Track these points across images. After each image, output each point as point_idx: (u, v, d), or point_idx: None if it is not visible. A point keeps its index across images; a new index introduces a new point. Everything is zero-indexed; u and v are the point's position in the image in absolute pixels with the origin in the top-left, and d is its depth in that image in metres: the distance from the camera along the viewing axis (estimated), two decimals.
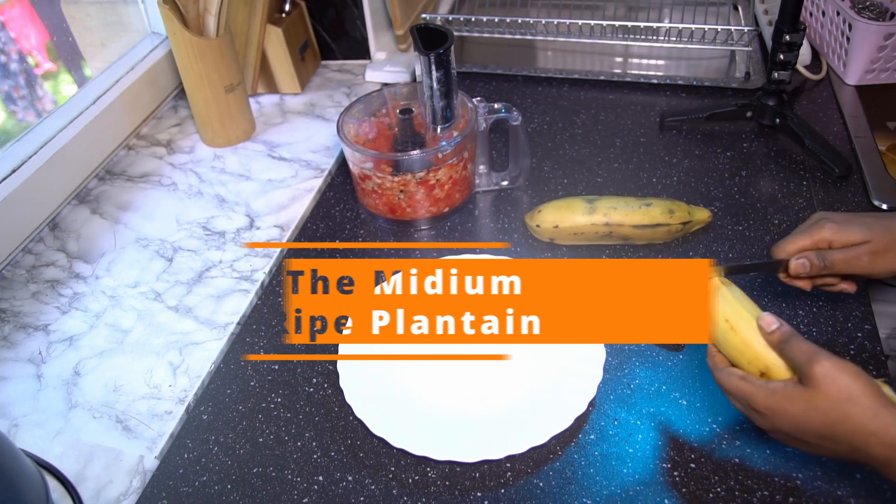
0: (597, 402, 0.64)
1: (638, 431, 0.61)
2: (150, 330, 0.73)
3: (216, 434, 0.64)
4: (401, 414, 0.63)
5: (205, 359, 0.70)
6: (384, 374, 0.66)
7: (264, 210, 0.86)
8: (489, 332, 0.70)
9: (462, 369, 0.67)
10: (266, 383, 0.68)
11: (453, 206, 0.84)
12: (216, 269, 0.79)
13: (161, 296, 0.76)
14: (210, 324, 0.73)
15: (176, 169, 0.94)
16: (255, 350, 0.71)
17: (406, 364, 0.68)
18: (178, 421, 0.65)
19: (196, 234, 0.84)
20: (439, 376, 0.66)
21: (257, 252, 0.80)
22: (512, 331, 0.69)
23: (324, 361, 0.69)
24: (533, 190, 0.87)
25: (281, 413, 0.65)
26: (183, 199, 0.89)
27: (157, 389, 0.67)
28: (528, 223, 0.79)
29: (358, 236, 0.83)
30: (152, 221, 0.86)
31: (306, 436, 0.63)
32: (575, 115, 0.98)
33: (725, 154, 0.90)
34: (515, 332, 0.69)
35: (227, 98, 0.93)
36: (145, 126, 1.01)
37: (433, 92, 0.77)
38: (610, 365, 0.66)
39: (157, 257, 0.81)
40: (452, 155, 0.79)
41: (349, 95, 1.05)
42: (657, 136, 0.93)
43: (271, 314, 0.75)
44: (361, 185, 0.83)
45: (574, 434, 0.61)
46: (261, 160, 0.94)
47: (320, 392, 0.67)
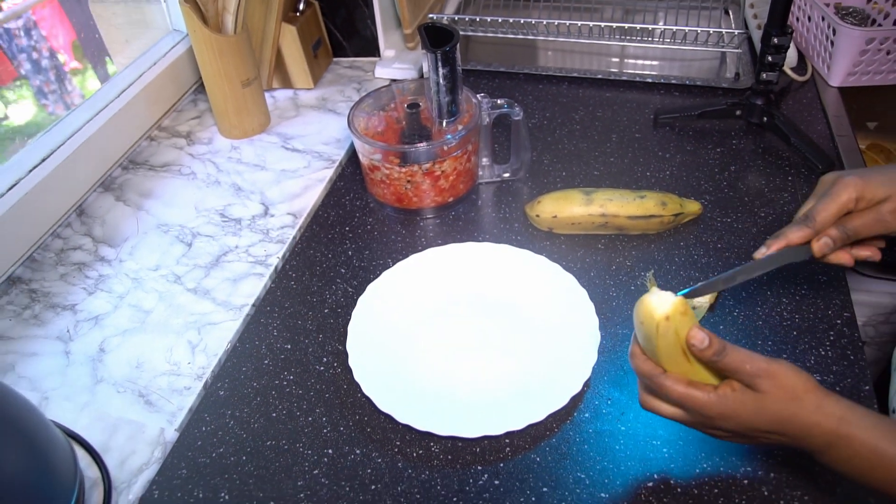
0: (591, 382, 0.63)
1: (630, 410, 0.61)
2: (171, 310, 0.73)
3: (232, 409, 0.64)
4: (406, 392, 0.62)
5: (222, 338, 0.69)
6: (390, 354, 0.66)
7: (278, 198, 0.86)
8: (491, 313, 0.70)
9: (464, 351, 0.66)
10: (279, 362, 0.68)
11: (457, 196, 0.83)
12: (232, 253, 0.79)
13: (181, 278, 0.76)
14: (227, 305, 0.73)
15: (195, 159, 0.93)
16: (269, 331, 0.71)
17: (411, 345, 0.67)
18: (197, 396, 0.65)
19: (214, 220, 0.83)
20: (442, 357, 0.66)
21: (272, 238, 0.80)
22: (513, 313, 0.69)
23: (334, 342, 0.69)
24: (533, 182, 0.87)
25: (293, 390, 0.65)
26: (202, 187, 0.89)
27: (176, 366, 0.67)
28: (529, 213, 0.79)
29: (367, 224, 0.83)
30: (172, 208, 0.86)
31: (317, 411, 0.63)
32: (573, 111, 0.98)
33: (716, 150, 0.89)
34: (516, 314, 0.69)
35: (244, 92, 0.92)
36: (167, 118, 1.00)
37: (439, 88, 0.76)
38: (604, 348, 0.66)
39: (177, 242, 0.81)
40: (457, 148, 0.78)
41: (359, 91, 1.04)
42: (651, 133, 0.93)
43: (284, 297, 0.74)
44: (370, 176, 0.82)
45: (570, 412, 0.61)
46: (275, 151, 0.94)
47: (330, 371, 0.66)
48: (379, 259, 0.78)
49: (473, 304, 0.71)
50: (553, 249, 0.77)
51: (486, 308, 0.70)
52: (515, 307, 0.70)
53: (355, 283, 0.75)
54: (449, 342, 0.67)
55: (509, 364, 0.65)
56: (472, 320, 0.69)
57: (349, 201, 0.87)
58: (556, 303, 0.69)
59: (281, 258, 0.78)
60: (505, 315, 0.69)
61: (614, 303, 0.70)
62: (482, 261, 0.74)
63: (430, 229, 0.82)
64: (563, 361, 0.63)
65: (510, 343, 0.67)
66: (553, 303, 0.69)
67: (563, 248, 0.77)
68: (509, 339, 0.67)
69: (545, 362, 0.64)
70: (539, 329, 0.68)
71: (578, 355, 0.63)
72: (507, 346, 0.67)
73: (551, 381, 0.62)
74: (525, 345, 0.66)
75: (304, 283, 0.76)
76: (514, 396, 0.62)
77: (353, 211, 0.85)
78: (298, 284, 0.76)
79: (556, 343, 0.66)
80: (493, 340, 0.67)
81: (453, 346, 0.67)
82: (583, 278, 0.72)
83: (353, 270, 0.77)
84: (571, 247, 0.77)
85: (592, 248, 0.77)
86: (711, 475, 0.56)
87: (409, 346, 0.67)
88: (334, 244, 0.81)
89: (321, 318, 0.72)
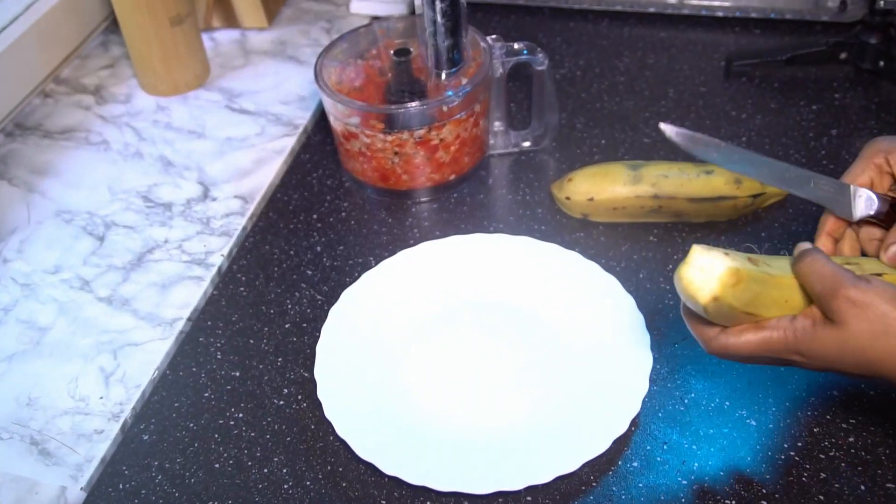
0: (641, 420, 0.64)
1: (693, 458, 0.62)
2: (76, 327, 0.73)
3: (160, 459, 0.64)
4: (394, 433, 0.63)
5: (146, 363, 0.70)
6: (373, 384, 0.67)
7: (222, 176, 0.86)
8: (506, 328, 0.71)
9: (471, 379, 0.67)
10: (224, 394, 0.68)
11: (461, 172, 0.84)
12: (160, 250, 0.79)
13: (89, 284, 0.77)
14: (153, 319, 0.73)
15: (108, 123, 0.94)
16: (210, 353, 0.72)
17: (401, 370, 0.68)
18: (112, 442, 0.65)
19: (134, 205, 0.84)
20: (443, 385, 0.67)
21: (214, 229, 0.81)
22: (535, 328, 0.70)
23: (297, 367, 0.70)
24: (562, 153, 0.87)
25: (243, 432, 0.66)
26: (117, 161, 0.89)
27: (84, 402, 0.68)
28: (556, 195, 0.80)
29: (341, 209, 0.84)
30: (77, 190, 0.86)
31: (275, 461, 0.64)
32: (616, 57, 0.98)
33: (811, 108, 0.90)
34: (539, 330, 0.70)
35: (173, 32, 0.93)
36: (66, 67, 1.01)
37: (436, 27, 0.77)
38: (658, 374, 0.67)
39: (84, 235, 0.81)
40: (460, 108, 0.79)
41: (329, 31, 1.04)
42: (722, 85, 0.93)
43: (231, 308, 0.75)
44: (346, 146, 0.83)
45: (612, 461, 0.62)
46: (217, 113, 0.94)
47: (293, 405, 0.67)
48: (357, 257, 0.79)
49: (483, 317, 0.72)
50: (589, 243, 0.78)
51: (500, 322, 0.71)
52: (539, 320, 0.71)
53: (325, 289, 0.76)
54: (451, 367, 0.68)
55: (531, 396, 0.66)
56: (482, 338, 0.70)
57: (317, 180, 0.87)
58: (593, 314, 0.70)
59: (226, 256, 0.79)
60: (525, 331, 0.70)
61: (671, 314, 0.71)
62: (494, 259, 0.75)
63: (424, 217, 0.83)
64: (604, 393, 0.64)
65: (532, 368, 0.68)
66: (589, 314, 0.70)
67: (603, 242, 0.78)
68: (531, 362, 0.68)
69: (579, 394, 0.65)
70: (571, 349, 0.69)
71: (624, 385, 0.64)
72: (528, 373, 0.67)
73: (588, 419, 0.63)
74: (552, 370, 0.67)
75: (258, 290, 0.77)
76: (538, 440, 0.62)
77: (323, 193, 0.86)
78: (250, 291, 0.77)
79: (594, 368, 0.66)
80: (510, 365, 0.68)
81: (456, 372, 0.68)
82: (629, 281, 0.73)
83: (324, 272, 0.78)
84: (613, 239, 0.78)
85: (641, 242, 0.78)
86: None
87: (398, 372, 0.68)
88: (298, 237, 0.81)
89: (280, 336, 0.73)
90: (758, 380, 0.66)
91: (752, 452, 0.62)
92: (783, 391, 0.65)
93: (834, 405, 0.64)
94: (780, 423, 0.63)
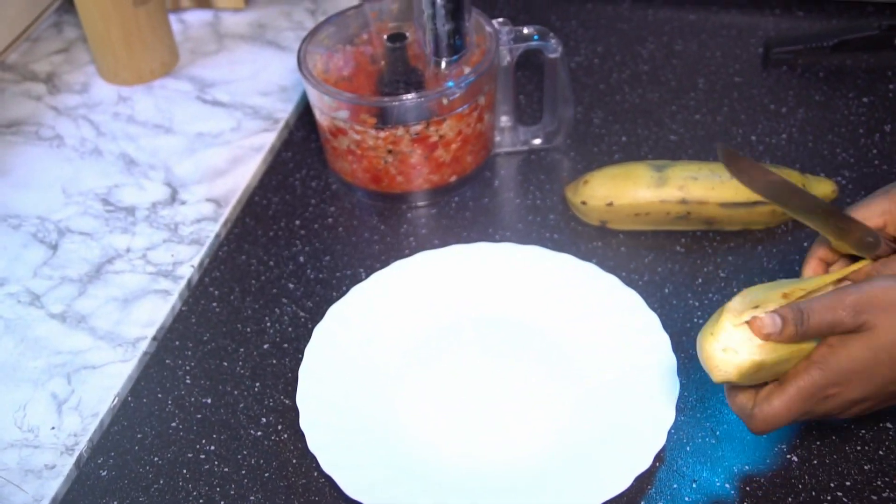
0: (667, 454, 0.65)
1: (727, 499, 0.62)
2: (24, 348, 0.74)
3: (120, 498, 0.65)
4: (386, 468, 0.63)
5: (105, 389, 0.70)
6: (363, 411, 0.67)
7: (192, 177, 0.87)
8: (514, 350, 0.71)
9: (474, 406, 0.68)
10: (195, 424, 0.69)
11: (463, 173, 0.85)
12: (122, 260, 0.80)
13: (40, 299, 0.77)
14: (113, 339, 0.74)
15: (61, 115, 0.94)
16: (178, 377, 0.72)
17: (395, 397, 0.69)
18: (65, 479, 0.65)
19: (92, 209, 0.85)
20: (442, 415, 0.68)
21: (183, 237, 0.81)
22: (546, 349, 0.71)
23: (277, 394, 0.70)
24: (577, 152, 0.88)
25: (215, 467, 0.66)
26: (73, 159, 0.90)
27: (33, 434, 0.68)
28: (571, 199, 0.80)
29: (327, 215, 0.84)
30: (27, 191, 0.87)
31: (251, 500, 0.64)
32: (639, 44, 0.99)
33: (860, 100, 0.90)
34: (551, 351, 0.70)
35: (137, 14, 0.93)
36: (13, 52, 1.01)
37: (436, 9, 0.77)
38: (686, 402, 0.67)
39: (35, 243, 0.82)
40: (462, 101, 0.80)
41: (314, 13, 1.05)
42: (759, 75, 0.94)
43: (203, 326, 0.76)
44: (333, 143, 0.83)
45: (634, 500, 0.62)
46: (187, 105, 0.95)
47: (272, 437, 0.68)
48: (345, 268, 0.79)
49: (487, 337, 0.73)
50: (608, 254, 0.79)
51: (507, 342, 0.72)
52: (550, 341, 0.71)
53: (309, 304, 0.77)
54: (451, 394, 0.69)
55: (542, 428, 0.66)
56: (486, 361, 0.71)
57: (300, 182, 0.88)
58: (611, 334, 0.70)
59: (197, 267, 0.80)
60: (535, 353, 0.71)
61: None
62: (500, 270, 0.75)
63: (421, 224, 0.83)
64: (624, 424, 0.65)
65: (543, 396, 0.68)
66: (607, 334, 0.70)
67: (623, 252, 0.79)
68: (541, 389, 0.69)
69: (596, 425, 0.65)
70: (586, 374, 0.69)
71: (647, 414, 0.64)
72: (537, 401, 0.68)
73: (606, 454, 0.63)
74: (566, 398, 0.68)
75: (233, 306, 0.77)
76: (549, 477, 0.63)
77: (307, 196, 0.86)
78: (224, 307, 0.77)
79: (613, 395, 0.67)
80: (518, 392, 0.69)
81: (457, 399, 0.68)
82: (653, 297, 0.73)
83: (307, 286, 0.78)
84: (635, 249, 0.79)
85: (668, 252, 0.78)
86: None
87: (392, 400, 0.69)
88: (278, 246, 0.82)
89: (258, 358, 0.73)
90: None
91: (792, 493, 0.62)
92: (829, 423, 0.65)
93: (888, 439, 0.64)
94: (825, 458, 0.64)
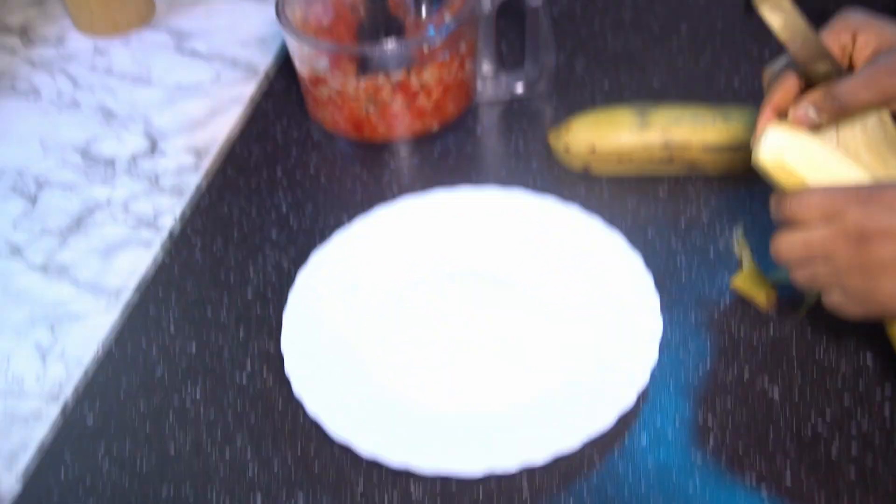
0: (650, 392, 0.65)
1: (710, 434, 0.63)
2: (6, 299, 0.74)
3: (107, 443, 0.65)
4: (371, 410, 0.64)
5: (88, 339, 0.71)
6: (347, 356, 0.68)
7: (171, 128, 0.87)
8: (497, 292, 0.72)
9: (457, 349, 0.68)
10: (179, 371, 0.69)
11: (445, 121, 0.85)
12: (102, 211, 0.80)
13: (21, 251, 0.77)
14: (95, 289, 0.74)
15: (37, 68, 0.94)
16: (162, 326, 0.72)
17: (379, 340, 0.69)
18: (51, 426, 0.66)
19: (71, 162, 0.84)
20: (426, 357, 0.68)
21: (163, 187, 0.81)
22: (530, 290, 0.71)
23: (262, 340, 0.71)
24: (559, 99, 0.88)
25: (201, 412, 0.67)
26: (50, 112, 0.89)
27: (17, 383, 0.68)
28: (554, 145, 0.80)
29: (309, 164, 0.84)
30: (4, 145, 0.86)
31: (238, 443, 0.65)
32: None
33: None
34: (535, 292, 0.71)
35: None
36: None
37: None
38: (669, 341, 0.68)
39: (14, 196, 0.82)
40: (444, 48, 0.79)
41: None
42: (742, 20, 0.94)
43: (185, 275, 0.76)
44: (313, 93, 0.83)
45: (618, 437, 0.63)
46: (165, 56, 0.94)
47: (257, 382, 0.68)
48: (328, 215, 0.79)
49: (470, 279, 0.73)
50: (591, 197, 0.79)
51: (490, 284, 0.72)
52: (534, 282, 0.72)
53: (293, 251, 0.77)
54: (435, 336, 0.69)
55: (526, 368, 0.67)
56: (469, 303, 0.71)
57: (281, 132, 0.88)
58: (594, 274, 0.71)
59: (178, 218, 0.79)
60: (519, 294, 0.71)
61: (683, 275, 0.72)
62: (483, 214, 0.75)
63: (404, 171, 0.84)
64: (607, 363, 0.65)
65: (527, 336, 0.69)
66: (590, 274, 0.71)
67: (607, 197, 0.79)
68: (525, 329, 0.69)
69: (579, 365, 0.66)
70: (570, 314, 0.70)
71: (630, 354, 0.65)
72: (521, 342, 0.68)
73: (589, 393, 0.64)
74: (549, 338, 0.68)
75: (216, 255, 0.77)
76: (533, 416, 0.63)
77: (289, 145, 0.86)
78: (206, 257, 0.77)
79: (596, 335, 0.67)
80: (502, 333, 0.69)
81: (441, 341, 0.69)
82: (636, 240, 0.74)
83: (290, 233, 0.78)
84: (618, 194, 0.79)
85: (651, 197, 0.79)
86: None
87: (376, 343, 0.69)
88: (260, 196, 0.82)
89: (242, 306, 0.73)
90: (781, 345, 0.67)
91: (775, 427, 0.63)
92: (810, 358, 0.66)
93: (867, 373, 0.65)
94: (806, 393, 0.65)
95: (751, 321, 0.69)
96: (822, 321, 0.68)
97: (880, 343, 0.65)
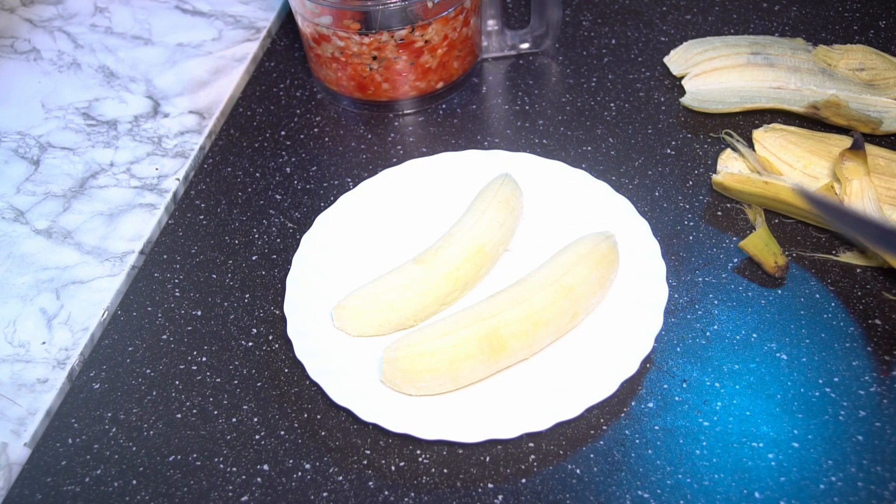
0: (656, 357, 0.65)
1: (716, 397, 0.63)
2: (10, 264, 0.74)
3: (114, 410, 0.65)
4: (374, 376, 0.64)
5: (94, 304, 0.71)
6: None
7: (174, 88, 0.86)
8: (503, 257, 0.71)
9: None
10: (185, 336, 0.69)
11: (450, 80, 0.84)
12: (106, 174, 0.79)
13: (24, 215, 0.77)
14: (100, 254, 0.74)
15: (37, 28, 0.93)
16: (167, 290, 0.72)
17: None
18: (58, 392, 0.66)
19: (74, 124, 0.84)
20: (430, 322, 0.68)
21: (167, 149, 0.81)
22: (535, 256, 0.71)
23: (267, 304, 0.71)
24: (566, 56, 0.87)
25: (207, 378, 0.67)
26: (51, 73, 0.89)
27: (24, 349, 0.68)
28: None
29: (313, 125, 0.84)
30: (5, 107, 0.86)
31: (244, 409, 0.65)
32: None
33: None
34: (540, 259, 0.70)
35: None
36: None
37: None
38: (676, 304, 0.68)
39: (16, 159, 0.81)
40: (448, 4, 0.78)
41: None
42: None
43: (190, 239, 0.75)
44: (316, 51, 0.82)
45: (623, 403, 0.63)
46: (165, 15, 0.94)
47: (263, 347, 0.68)
48: (333, 178, 0.79)
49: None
50: (598, 158, 0.78)
51: None
52: (540, 248, 0.71)
53: (297, 215, 0.76)
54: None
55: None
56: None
57: (285, 91, 0.87)
58: None
59: (182, 180, 0.79)
60: (524, 259, 0.71)
61: (691, 236, 0.72)
62: (490, 178, 0.75)
63: (409, 132, 0.83)
64: (611, 330, 0.65)
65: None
66: None
67: (613, 157, 0.78)
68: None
69: (583, 332, 0.66)
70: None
71: (634, 321, 0.65)
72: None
73: (592, 360, 0.64)
74: None
75: (220, 218, 0.77)
76: (536, 383, 0.63)
77: (292, 106, 0.85)
78: (211, 220, 0.77)
79: (600, 299, 0.67)
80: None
81: (445, 307, 0.68)
82: (643, 201, 0.74)
83: (294, 196, 0.78)
84: (625, 153, 0.78)
85: (658, 155, 0.78)
86: (843, 494, 0.58)
87: None
88: (264, 157, 0.81)
89: (247, 270, 0.73)
90: (789, 308, 0.67)
91: (782, 390, 0.63)
92: (818, 320, 0.66)
93: (875, 335, 0.65)
94: (814, 356, 0.64)
95: (758, 288, 0.68)
96: (831, 283, 0.67)
97: (889, 306, 0.65)
